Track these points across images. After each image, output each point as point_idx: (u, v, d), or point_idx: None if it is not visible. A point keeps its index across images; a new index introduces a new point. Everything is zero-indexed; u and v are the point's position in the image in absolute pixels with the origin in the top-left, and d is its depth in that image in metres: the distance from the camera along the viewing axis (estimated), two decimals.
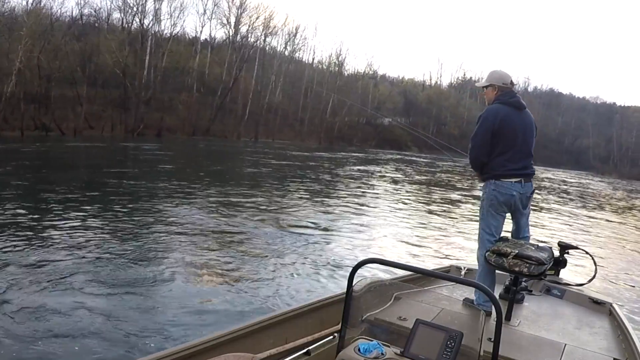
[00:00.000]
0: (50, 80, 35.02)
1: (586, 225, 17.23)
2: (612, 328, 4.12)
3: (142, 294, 6.22)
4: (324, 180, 22.24)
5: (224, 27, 55.27)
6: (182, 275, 7.05)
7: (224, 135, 46.90)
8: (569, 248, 4.98)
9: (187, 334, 5.11)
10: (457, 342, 2.45)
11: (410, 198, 19.78)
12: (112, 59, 39.65)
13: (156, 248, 8.38)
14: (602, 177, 67.40)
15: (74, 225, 9.38)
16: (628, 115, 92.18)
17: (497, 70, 4.50)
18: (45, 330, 5.00)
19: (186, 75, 47.64)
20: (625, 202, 31.57)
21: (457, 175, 35.20)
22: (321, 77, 65.70)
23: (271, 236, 10.02)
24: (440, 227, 13.51)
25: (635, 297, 8.71)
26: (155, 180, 16.58)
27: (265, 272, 7.53)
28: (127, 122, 39.78)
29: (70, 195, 12.52)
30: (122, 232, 9.23)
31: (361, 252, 9.44)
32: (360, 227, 12.10)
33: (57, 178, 15.67)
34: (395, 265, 2.89)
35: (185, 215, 11.24)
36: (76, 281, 6.40)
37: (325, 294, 4.52)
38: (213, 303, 6.16)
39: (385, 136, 66.99)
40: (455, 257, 10.45)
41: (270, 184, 18.78)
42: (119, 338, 5.01)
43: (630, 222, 20.88)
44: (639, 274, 10.74)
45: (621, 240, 15.38)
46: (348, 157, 39.83)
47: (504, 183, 4.25)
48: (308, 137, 57.48)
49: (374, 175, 27.62)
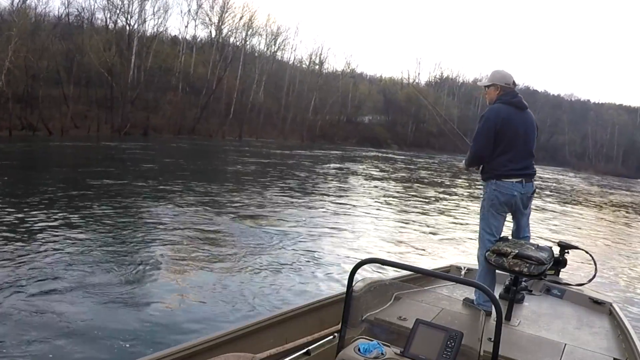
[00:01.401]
0: (36, 80, 35.05)
1: (576, 223, 17.44)
2: (612, 328, 4.12)
3: (118, 297, 6.11)
4: (302, 178, 22.23)
5: (208, 27, 55.83)
6: (159, 274, 7.03)
7: (209, 134, 47.35)
8: (569, 248, 4.96)
9: (162, 337, 5.10)
10: (457, 342, 2.46)
11: (394, 194, 20.23)
12: (98, 59, 39.79)
13: (132, 245, 8.38)
14: (578, 172, 68.31)
15: (52, 224, 9.30)
16: (602, 112, 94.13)
17: (499, 70, 4.50)
18: (16, 335, 4.93)
19: (171, 75, 47.96)
20: (604, 198, 32.39)
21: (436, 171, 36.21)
22: (303, 76, 66.37)
23: (247, 234, 9.99)
24: (422, 222, 13.90)
25: (635, 297, 8.72)
26: (139, 179, 16.62)
27: (244, 272, 7.50)
28: (113, 122, 39.98)
29: (49, 195, 12.39)
30: (103, 232, 9.17)
31: (349, 250, 9.60)
32: (339, 225, 12.09)
33: (39, 177, 15.66)
34: (395, 265, 2.91)
35: (161, 213, 11.18)
36: (49, 279, 6.40)
37: (324, 294, 4.61)
38: (188, 302, 6.15)
39: (365, 134, 68.06)
40: (438, 248, 11.00)
41: (251, 183, 18.77)
42: (96, 339, 4.97)
43: (624, 220, 21.37)
44: (638, 274, 10.77)
45: (620, 239, 15.47)
46: (328, 155, 40.16)
47: (505, 183, 4.25)
48: (291, 135, 58.17)
49: (356, 173, 27.95)
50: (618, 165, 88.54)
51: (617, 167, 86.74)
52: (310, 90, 63.59)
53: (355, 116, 70.95)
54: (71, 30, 42.85)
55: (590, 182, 48.80)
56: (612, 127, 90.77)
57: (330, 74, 71.79)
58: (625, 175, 79.33)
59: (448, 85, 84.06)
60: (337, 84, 69.42)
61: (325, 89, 65.45)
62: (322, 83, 65.89)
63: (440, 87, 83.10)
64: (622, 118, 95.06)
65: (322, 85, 65.50)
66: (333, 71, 73.14)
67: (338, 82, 69.88)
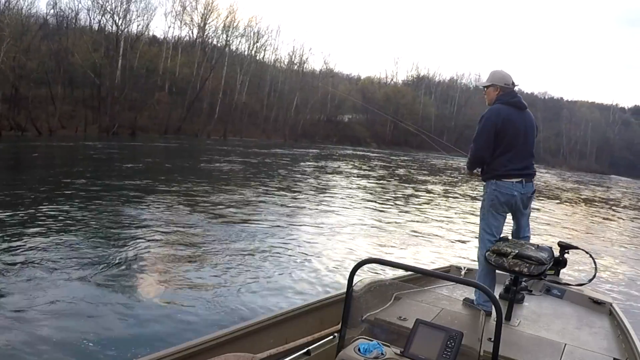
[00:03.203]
0: (24, 81, 35.16)
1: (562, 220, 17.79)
2: (612, 328, 4.12)
3: (100, 298, 6.03)
4: (280, 177, 22.29)
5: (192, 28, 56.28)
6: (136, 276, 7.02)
7: (194, 134, 47.96)
8: (569, 248, 4.94)
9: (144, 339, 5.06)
10: (457, 342, 2.46)
11: (375, 192, 20.70)
12: (85, 60, 40.06)
13: (108, 245, 8.36)
14: (553, 169, 68.87)
15: (32, 225, 9.24)
16: (575, 109, 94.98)
17: (499, 71, 4.49)
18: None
19: (157, 75, 48.31)
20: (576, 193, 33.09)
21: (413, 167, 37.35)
22: (285, 76, 66.94)
23: (226, 232, 10.01)
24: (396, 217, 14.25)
25: (635, 297, 8.74)
26: (125, 178, 16.71)
27: (221, 274, 7.40)
28: (101, 122, 40.23)
29: (29, 194, 12.34)
30: (88, 231, 9.14)
31: (329, 241, 9.83)
32: (318, 222, 12.17)
33: (20, 177, 15.75)
34: (395, 265, 2.91)
35: (143, 212, 11.21)
36: (23, 279, 6.39)
37: (324, 294, 4.66)
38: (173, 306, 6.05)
39: (345, 133, 68.96)
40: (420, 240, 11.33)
41: (230, 181, 18.84)
42: (76, 343, 4.89)
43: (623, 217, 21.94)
44: (638, 274, 10.82)
45: (617, 238, 15.63)
46: (308, 154, 40.73)
47: (505, 183, 4.24)
48: (274, 134, 59.04)
49: (335, 171, 28.39)
50: (592, 161, 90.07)
51: (590, 163, 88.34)
52: (291, 90, 64.29)
53: (335, 115, 71.65)
54: (58, 31, 42.86)
55: (562, 178, 49.93)
56: (585, 125, 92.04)
57: (310, 73, 72.43)
58: (599, 171, 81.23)
59: (425, 85, 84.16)
60: (317, 83, 70.17)
61: (307, 88, 66.21)
62: (303, 83, 66.67)
63: (417, 86, 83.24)
64: (594, 115, 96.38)
65: (304, 85, 66.27)
66: (311, 70, 73.89)
67: (318, 82, 70.64)
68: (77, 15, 45.33)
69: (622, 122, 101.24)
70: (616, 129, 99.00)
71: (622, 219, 21.67)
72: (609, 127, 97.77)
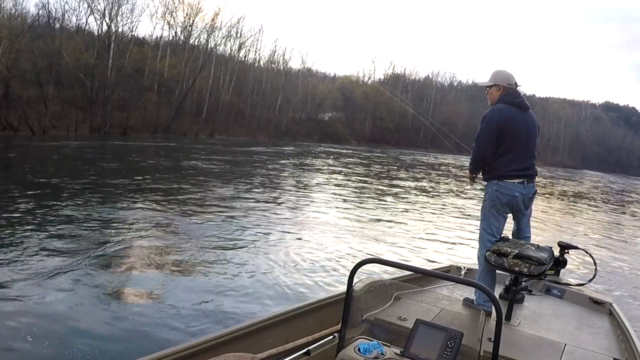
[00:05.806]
0: (16, 81, 35.40)
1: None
2: (612, 328, 4.10)
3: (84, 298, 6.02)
4: (264, 174, 22.39)
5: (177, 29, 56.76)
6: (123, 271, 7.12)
7: (183, 133, 48.65)
8: (569, 248, 4.93)
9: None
10: (457, 342, 2.44)
11: (355, 189, 21.01)
12: (76, 60, 40.38)
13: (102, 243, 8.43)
14: None
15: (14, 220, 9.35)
16: (547, 106, 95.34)
17: (502, 71, 4.44)
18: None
19: (146, 76, 48.54)
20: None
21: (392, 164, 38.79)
22: (268, 76, 67.53)
23: (213, 230, 10.10)
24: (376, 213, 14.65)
25: (635, 297, 8.71)
26: (118, 177, 16.79)
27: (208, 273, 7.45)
28: (92, 122, 40.54)
29: (15, 194, 12.30)
30: (78, 231, 9.11)
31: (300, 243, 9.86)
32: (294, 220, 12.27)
33: (12, 177, 15.80)
34: (395, 265, 2.90)
35: (127, 211, 11.28)
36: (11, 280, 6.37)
37: (324, 294, 4.59)
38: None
39: (326, 131, 69.98)
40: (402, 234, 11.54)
41: (218, 180, 18.83)
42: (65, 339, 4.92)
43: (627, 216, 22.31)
44: (637, 273, 10.86)
45: (616, 237, 15.69)
46: (285, 152, 41.01)
47: (506, 184, 4.20)
48: (259, 133, 60.01)
49: (316, 169, 28.78)
50: (565, 157, 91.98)
51: (563, 158, 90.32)
52: (275, 90, 65.09)
53: (316, 114, 72.70)
54: (48, 32, 42.77)
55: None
56: (558, 121, 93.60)
57: (291, 72, 73.28)
58: (572, 166, 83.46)
59: (402, 83, 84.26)
60: (298, 82, 71.33)
61: (289, 88, 67.22)
62: (285, 82, 67.66)
63: (394, 85, 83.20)
64: (566, 112, 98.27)
65: (286, 85, 67.34)
66: (294, 70, 74.70)
67: (299, 81, 71.82)
68: (64, 16, 45.07)
69: (593, 118, 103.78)
70: (588, 125, 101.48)
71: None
72: (580, 123, 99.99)
